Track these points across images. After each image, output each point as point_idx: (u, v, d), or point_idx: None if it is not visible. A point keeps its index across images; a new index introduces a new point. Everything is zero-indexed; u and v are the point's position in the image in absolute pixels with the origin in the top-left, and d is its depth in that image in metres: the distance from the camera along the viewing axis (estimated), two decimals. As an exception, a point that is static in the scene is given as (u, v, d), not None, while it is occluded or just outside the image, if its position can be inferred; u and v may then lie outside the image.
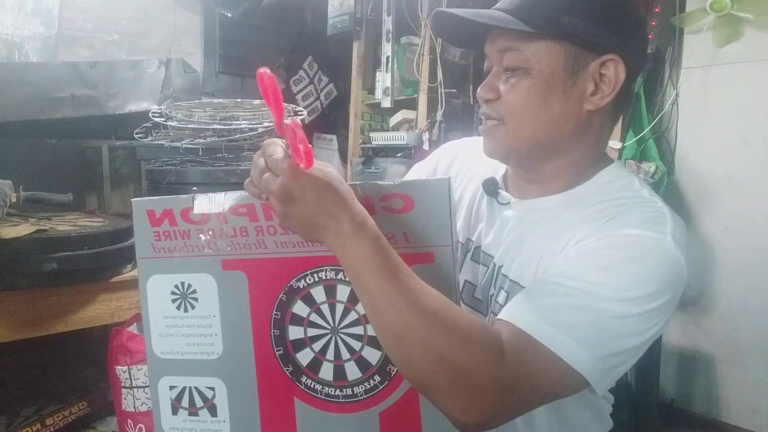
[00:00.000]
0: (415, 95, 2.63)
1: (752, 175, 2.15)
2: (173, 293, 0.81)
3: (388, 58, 2.61)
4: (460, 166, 0.98)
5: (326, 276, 0.76)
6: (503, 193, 0.86)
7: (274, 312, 0.78)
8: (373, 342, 0.75)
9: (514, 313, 0.67)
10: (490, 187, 0.87)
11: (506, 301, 0.78)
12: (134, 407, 1.42)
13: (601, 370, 0.65)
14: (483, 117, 0.80)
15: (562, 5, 0.72)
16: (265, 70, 0.55)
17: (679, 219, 0.74)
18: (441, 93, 2.51)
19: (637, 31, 0.77)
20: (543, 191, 0.82)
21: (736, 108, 2.17)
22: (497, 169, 0.92)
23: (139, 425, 1.42)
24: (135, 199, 0.82)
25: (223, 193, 0.78)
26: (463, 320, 0.63)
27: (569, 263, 0.70)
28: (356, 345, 0.76)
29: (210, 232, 0.78)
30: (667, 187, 2.28)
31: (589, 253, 0.70)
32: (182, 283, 0.81)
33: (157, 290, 0.82)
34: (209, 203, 0.78)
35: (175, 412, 0.83)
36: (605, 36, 0.73)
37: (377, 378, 0.76)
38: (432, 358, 0.61)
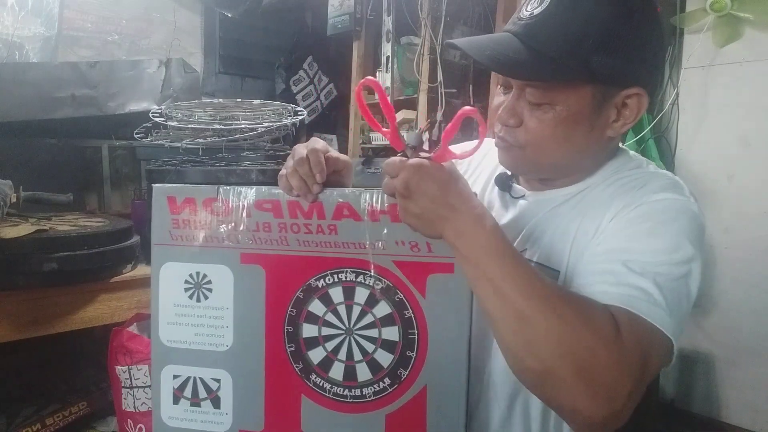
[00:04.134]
0: (415, 95, 2.63)
1: (752, 175, 2.15)
2: (187, 282, 0.81)
3: (388, 58, 2.62)
4: (465, 168, 0.98)
5: (346, 278, 0.76)
6: (516, 186, 0.86)
7: (290, 309, 0.78)
8: (386, 345, 0.76)
9: (600, 297, 0.64)
10: (504, 182, 0.87)
11: None
12: (134, 407, 1.42)
13: (679, 335, 0.64)
14: (500, 140, 0.78)
15: (593, 43, 0.67)
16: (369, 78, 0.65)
17: None
18: (441, 93, 2.51)
19: (660, 61, 0.76)
20: (557, 186, 0.82)
21: (736, 108, 2.17)
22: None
23: (139, 425, 1.42)
24: (157, 185, 0.81)
25: (248, 187, 0.78)
26: (582, 302, 0.62)
27: (615, 238, 0.70)
28: (369, 347, 0.76)
29: (232, 225, 0.78)
30: (667, 187, 2.28)
31: (630, 223, 0.70)
32: (197, 273, 0.80)
33: (170, 278, 0.81)
34: (234, 196, 0.78)
35: (176, 401, 0.82)
36: (633, 71, 0.71)
37: (387, 380, 0.76)
38: (556, 341, 0.59)
